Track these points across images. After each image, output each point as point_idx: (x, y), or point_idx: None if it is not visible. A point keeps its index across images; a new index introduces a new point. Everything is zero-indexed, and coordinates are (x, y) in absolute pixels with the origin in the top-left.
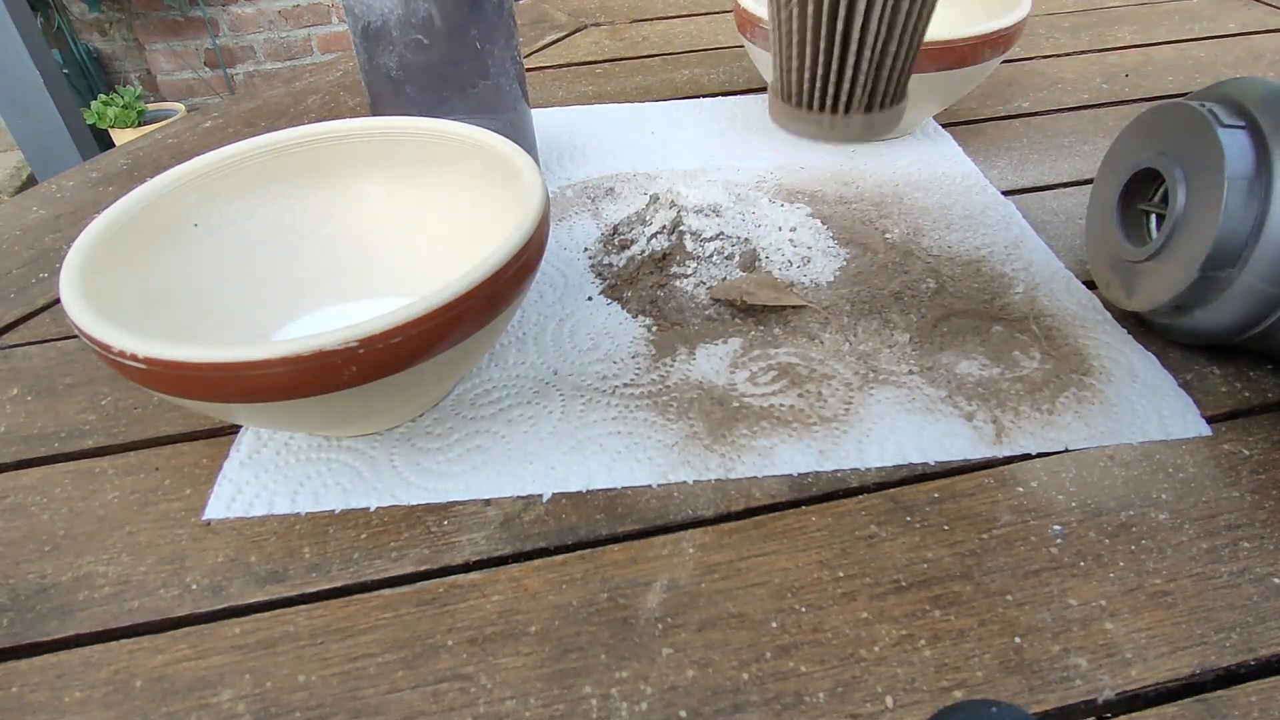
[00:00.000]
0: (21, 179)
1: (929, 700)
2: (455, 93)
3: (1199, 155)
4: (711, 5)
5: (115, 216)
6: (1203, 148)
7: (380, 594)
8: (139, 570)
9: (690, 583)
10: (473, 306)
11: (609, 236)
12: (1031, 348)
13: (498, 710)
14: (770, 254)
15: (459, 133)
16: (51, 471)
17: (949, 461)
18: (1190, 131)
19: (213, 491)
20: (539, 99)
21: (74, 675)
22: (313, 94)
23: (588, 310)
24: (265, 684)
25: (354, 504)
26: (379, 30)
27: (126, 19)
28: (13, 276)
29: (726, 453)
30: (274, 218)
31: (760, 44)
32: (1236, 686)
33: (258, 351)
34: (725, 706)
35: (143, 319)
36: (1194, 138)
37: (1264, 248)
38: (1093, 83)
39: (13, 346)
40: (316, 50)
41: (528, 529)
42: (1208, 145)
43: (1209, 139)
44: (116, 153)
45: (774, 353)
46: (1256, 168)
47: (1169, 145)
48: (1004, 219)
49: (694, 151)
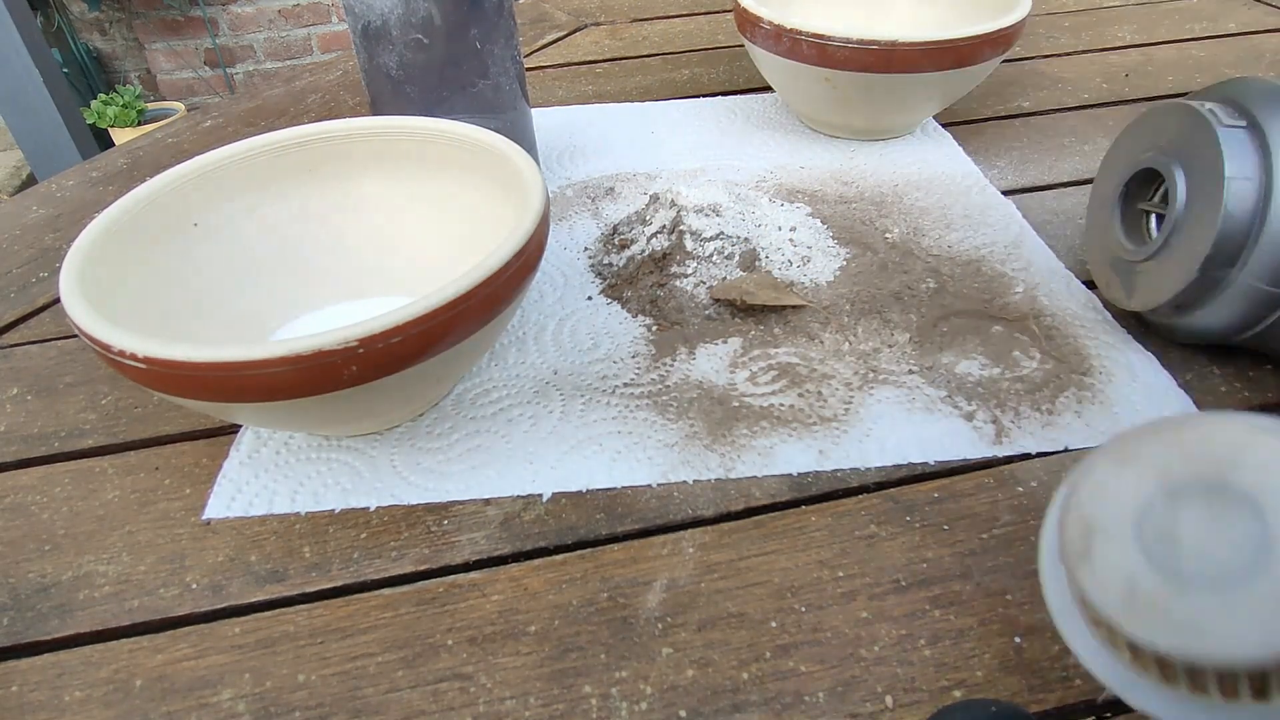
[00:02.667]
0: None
1: (929, 700)
2: (455, 92)
3: (1199, 155)
4: (711, 5)
5: (115, 216)
6: (1203, 148)
7: (380, 593)
8: (139, 570)
9: (690, 582)
10: (473, 306)
11: (609, 236)
12: (1031, 348)
13: (497, 710)
14: (770, 254)
15: (459, 133)
16: (51, 471)
17: (949, 461)
18: (1190, 131)
19: (213, 491)
20: (539, 99)
21: (74, 674)
22: (313, 94)
23: (588, 310)
24: (265, 683)
25: (354, 503)
26: (379, 30)
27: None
28: (13, 276)
29: (726, 452)
30: (274, 218)
31: (760, 44)
32: None
33: (258, 351)
34: (725, 706)
35: (143, 319)
36: (1194, 138)
37: (1264, 247)
38: (1093, 83)
39: (13, 346)
40: (316, 50)
41: (528, 529)
42: (1208, 145)
43: (1209, 139)
44: (116, 152)
45: (774, 352)
46: (1257, 167)
47: (1169, 145)
48: (1004, 219)
49: (694, 151)
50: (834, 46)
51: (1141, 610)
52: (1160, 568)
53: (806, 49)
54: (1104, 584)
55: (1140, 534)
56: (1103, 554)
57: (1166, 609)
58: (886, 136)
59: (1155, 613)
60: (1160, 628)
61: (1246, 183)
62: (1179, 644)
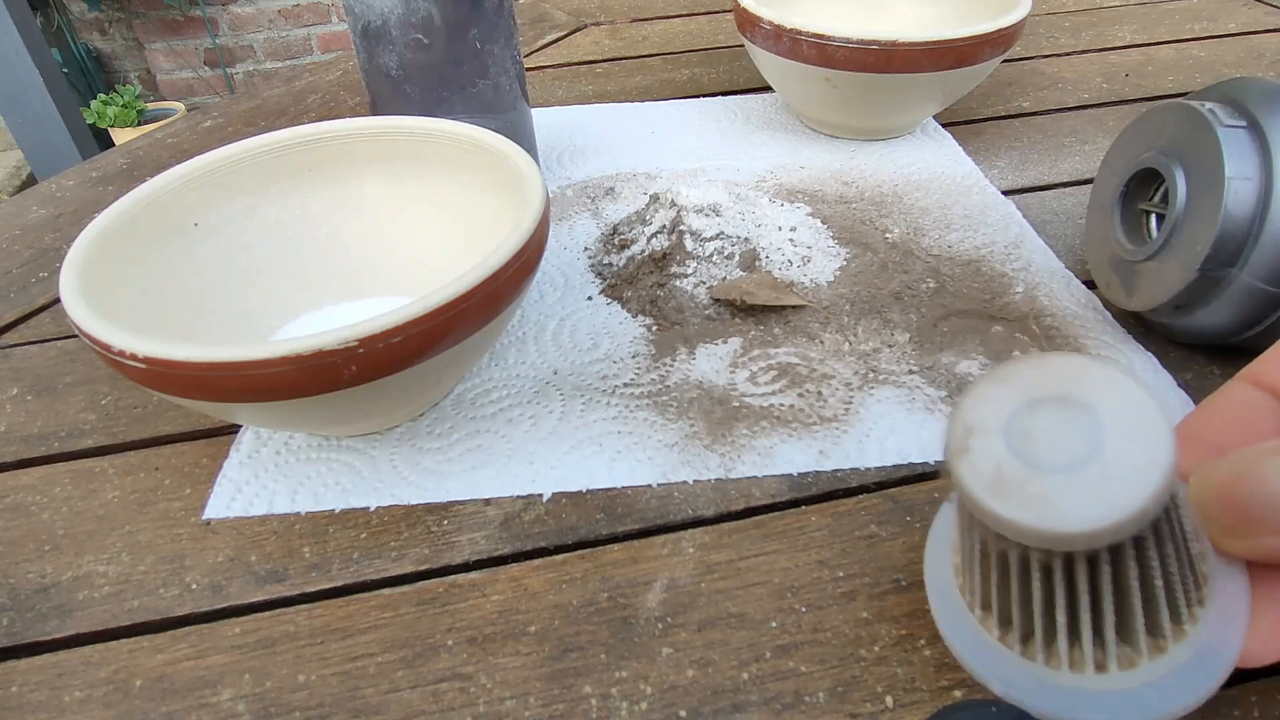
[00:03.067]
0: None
1: (929, 700)
2: (455, 92)
3: (1199, 155)
4: (711, 5)
5: (115, 216)
6: (1203, 148)
7: (380, 593)
8: (139, 570)
9: (690, 582)
10: (473, 306)
11: (609, 236)
12: (1031, 348)
13: (497, 710)
14: (770, 254)
15: (459, 133)
16: (51, 471)
17: None
18: (1190, 131)
19: (213, 491)
20: (539, 99)
21: (74, 675)
22: (313, 93)
23: (588, 310)
24: (265, 683)
25: (354, 503)
26: (379, 30)
27: (126, 18)
28: (13, 276)
29: (726, 452)
30: (274, 218)
31: (760, 44)
32: (1237, 686)
33: (258, 351)
34: (725, 706)
35: (143, 319)
36: (1194, 138)
37: (1264, 247)
38: (1093, 83)
39: (13, 346)
40: (316, 49)
41: (528, 529)
42: (1208, 145)
43: (1209, 139)
44: (116, 152)
45: (774, 352)
46: (1257, 167)
47: (1169, 145)
48: (1004, 219)
49: (694, 151)
50: (834, 46)
51: (1005, 489)
52: (1021, 457)
53: (806, 49)
54: (977, 471)
55: (1008, 432)
56: (978, 447)
57: (1024, 488)
58: (886, 136)
59: (1016, 491)
60: (1018, 503)
61: (1247, 183)
62: (1033, 516)
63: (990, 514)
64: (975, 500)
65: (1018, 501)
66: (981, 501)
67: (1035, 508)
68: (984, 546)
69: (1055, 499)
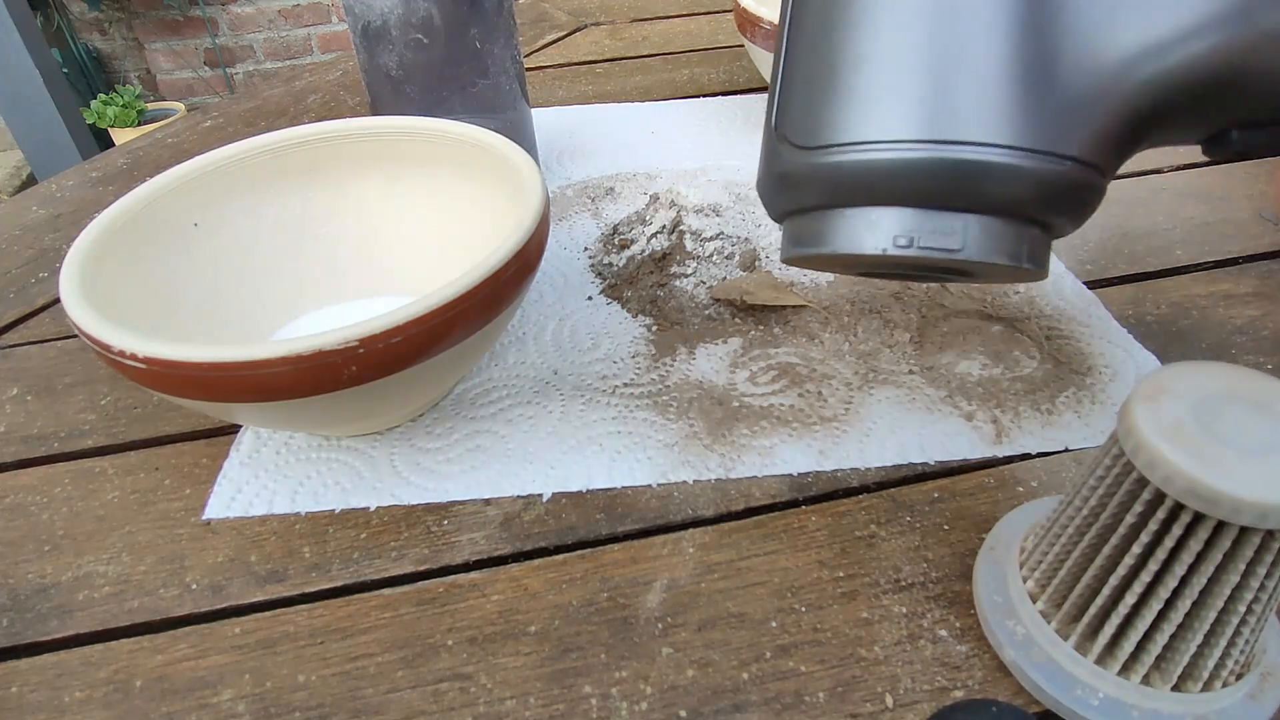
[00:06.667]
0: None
1: (929, 700)
2: (455, 92)
3: None
4: (711, 5)
5: (115, 216)
6: None
7: (380, 594)
8: (139, 570)
9: (690, 582)
10: (473, 306)
11: (609, 236)
12: (1031, 348)
13: (497, 710)
14: (770, 253)
15: (459, 133)
16: (51, 471)
17: (949, 461)
18: None
19: (213, 491)
20: (539, 99)
21: (74, 675)
22: (313, 94)
23: (588, 310)
24: (265, 684)
25: (354, 504)
26: (379, 30)
27: (126, 18)
28: (13, 276)
29: (726, 452)
30: (274, 218)
31: (760, 44)
32: None
33: (258, 351)
34: (725, 706)
35: (143, 319)
36: None
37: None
38: None
39: (13, 346)
40: (316, 50)
41: (528, 529)
42: None
43: None
44: (116, 152)
45: (774, 352)
46: None
47: None
48: None
49: (694, 151)
50: None
51: (1181, 441)
52: (1204, 427)
53: None
54: (1157, 418)
55: (1198, 406)
56: (1166, 405)
57: (1201, 449)
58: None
59: (1191, 445)
60: (1189, 456)
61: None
62: (1200, 471)
63: (1159, 456)
64: (1144, 439)
65: (1190, 456)
66: (1150, 440)
67: (1206, 466)
68: (1093, 512)
69: (1230, 467)
